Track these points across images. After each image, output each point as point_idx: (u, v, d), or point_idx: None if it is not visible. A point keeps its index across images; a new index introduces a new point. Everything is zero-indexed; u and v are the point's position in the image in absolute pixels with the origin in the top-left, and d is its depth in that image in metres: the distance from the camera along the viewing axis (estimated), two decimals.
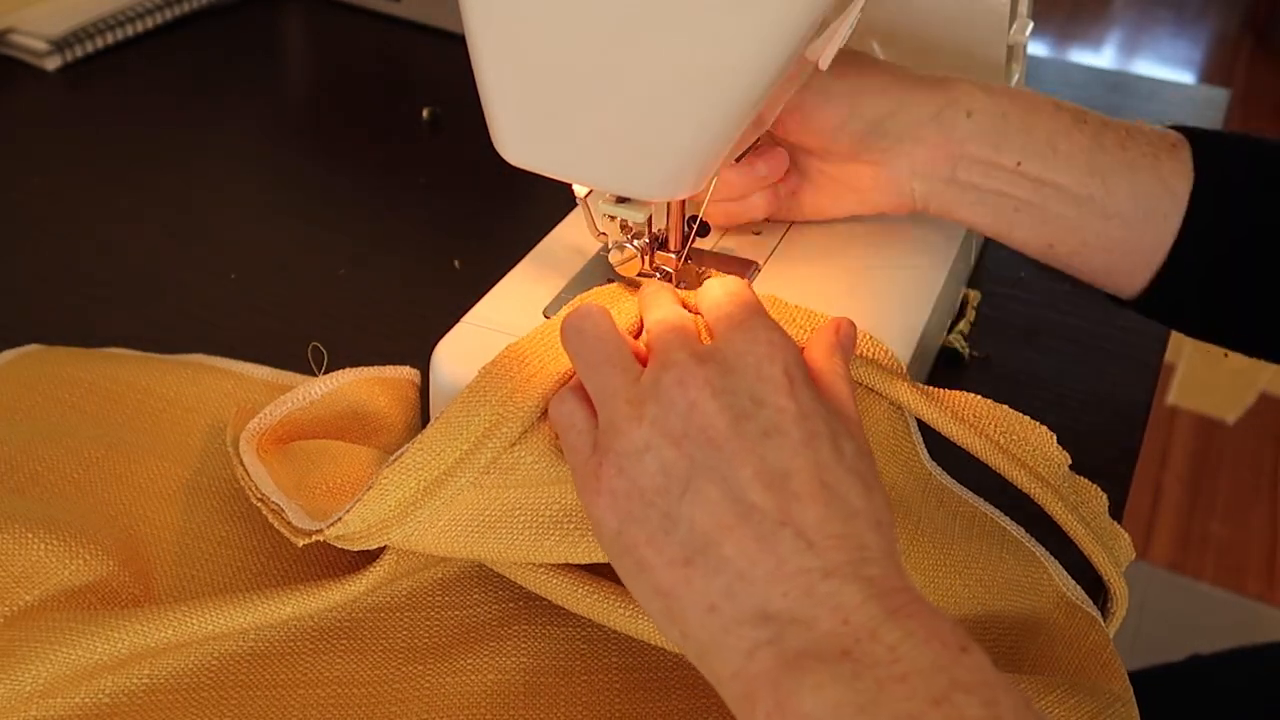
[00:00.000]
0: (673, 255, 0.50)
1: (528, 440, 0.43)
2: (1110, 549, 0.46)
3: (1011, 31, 0.61)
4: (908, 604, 0.33)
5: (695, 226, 0.49)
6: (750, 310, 0.40)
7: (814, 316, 0.48)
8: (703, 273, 0.52)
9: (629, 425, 0.36)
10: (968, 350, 0.59)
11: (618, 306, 0.47)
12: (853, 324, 0.44)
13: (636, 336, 0.45)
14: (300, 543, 0.43)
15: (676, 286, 0.50)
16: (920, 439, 0.47)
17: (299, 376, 0.55)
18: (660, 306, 0.42)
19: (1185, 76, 2.82)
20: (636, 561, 0.35)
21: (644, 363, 0.39)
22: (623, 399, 0.37)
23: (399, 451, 0.43)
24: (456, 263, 0.65)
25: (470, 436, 0.42)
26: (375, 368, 0.52)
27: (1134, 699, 0.41)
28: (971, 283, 0.63)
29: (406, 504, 0.42)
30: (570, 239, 0.56)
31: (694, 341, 0.39)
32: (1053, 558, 0.46)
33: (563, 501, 0.42)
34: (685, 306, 0.44)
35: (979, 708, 0.30)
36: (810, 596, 0.33)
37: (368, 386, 0.52)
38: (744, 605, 0.33)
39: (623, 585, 0.40)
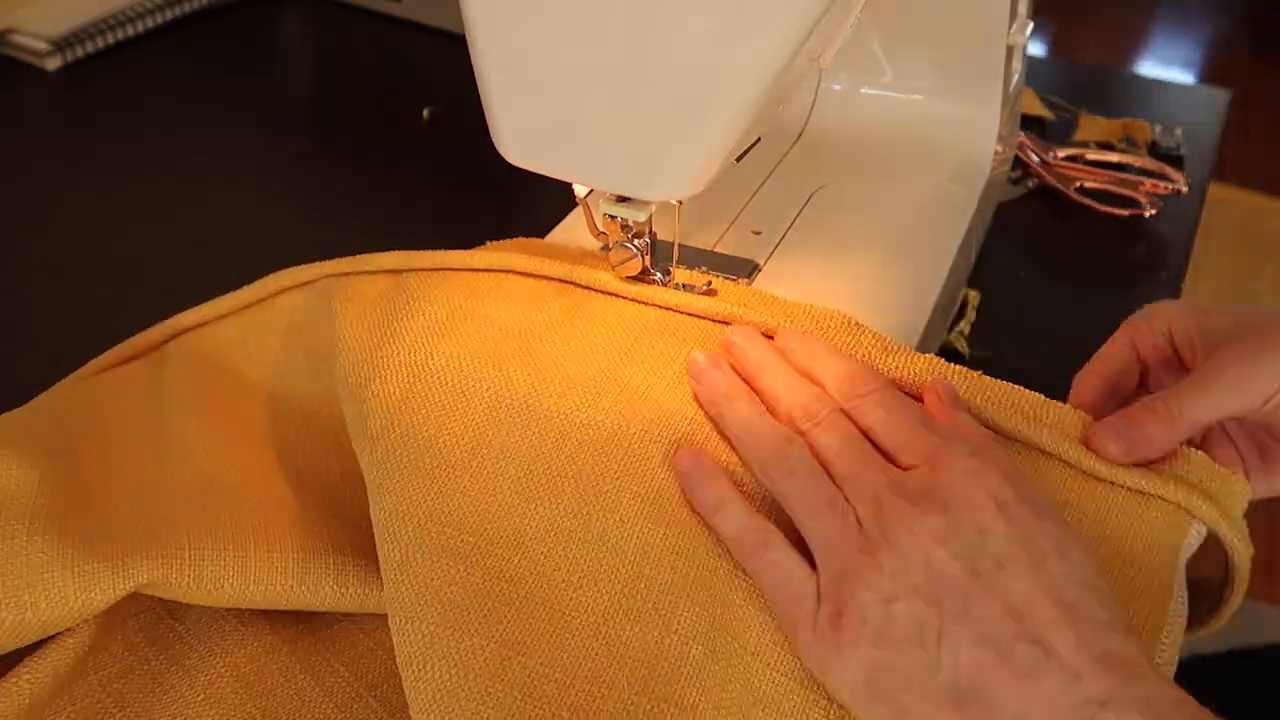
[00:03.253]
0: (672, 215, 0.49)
1: None
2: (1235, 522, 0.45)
3: (1011, 31, 0.61)
4: (1190, 714, 0.33)
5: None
6: (931, 434, 0.40)
7: (817, 311, 0.48)
8: (706, 276, 0.52)
9: (870, 575, 0.36)
10: (968, 350, 0.59)
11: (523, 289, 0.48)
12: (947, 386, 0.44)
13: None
14: None
15: (674, 283, 0.50)
16: None
17: None
18: (823, 422, 0.41)
19: (1185, 76, 2.82)
20: (896, 709, 0.35)
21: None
22: (854, 547, 0.37)
23: None
24: None
25: None
26: None
27: None
28: (971, 283, 0.63)
29: None
30: (570, 239, 0.56)
31: (889, 470, 0.39)
32: None
33: None
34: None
35: None
36: None
37: None
38: None
39: None
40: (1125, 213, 0.72)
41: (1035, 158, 0.75)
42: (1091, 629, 0.34)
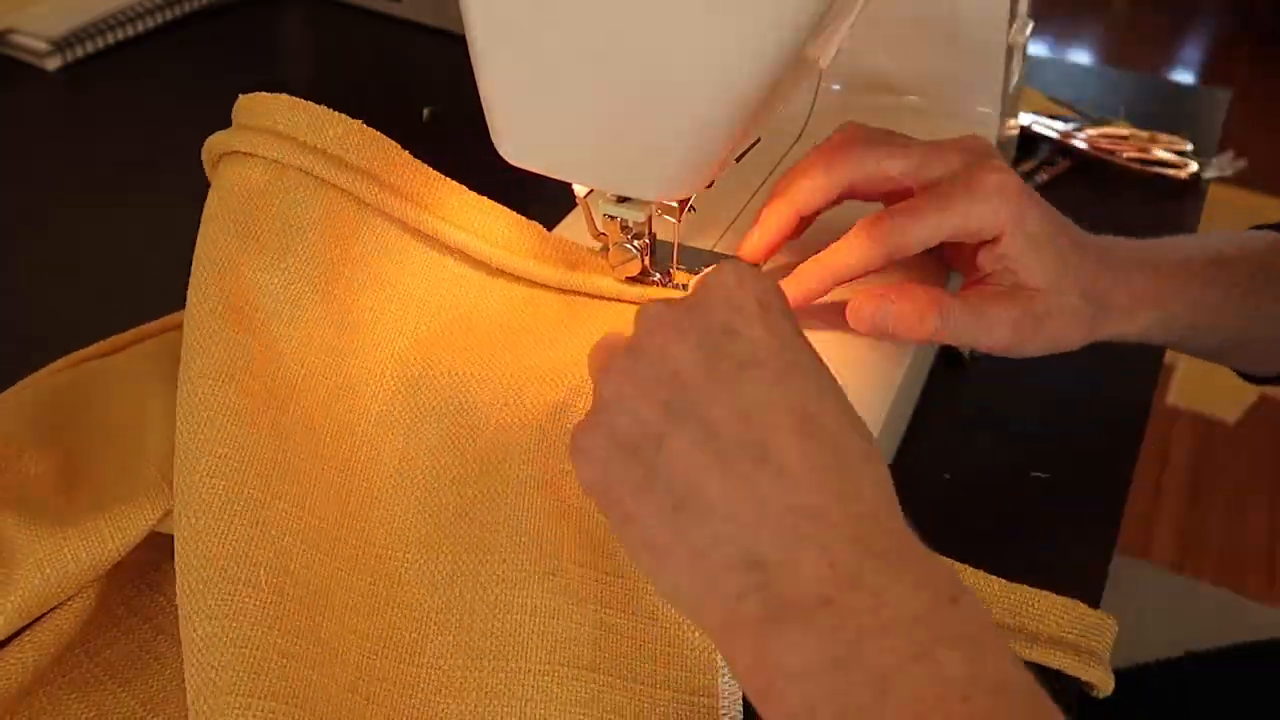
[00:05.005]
0: (672, 221, 0.49)
1: None
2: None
3: (1011, 31, 0.61)
4: (898, 545, 0.32)
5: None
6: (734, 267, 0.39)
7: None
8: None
9: (611, 377, 0.35)
10: (968, 351, 0.59)
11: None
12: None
13: None
14: None
15: (674, 284, 0.50)
16: None
17: None
18: None
19: (1185, 76, 2.82)
20: (624, 514, 0.34)
21: None
22: (612, 357, 0.36)
23: None
24: None
25: None
26: None
27: None
28: None
29: None
30: (570, 239, 0.56)
31: (663, 298, 0.38)
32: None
33: None
34: None
35: (961, 664, 0.29)
36: (795, 538, 0.31)
37: None
38: (730, 551, 0.32)
39: None
40: (1171, 172, 0.75)
41: (1078, 135, 0.77)
42: (826, 445, 0.33)
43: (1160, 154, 0.76)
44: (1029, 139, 0.77)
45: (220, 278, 0.45)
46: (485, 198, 0.49)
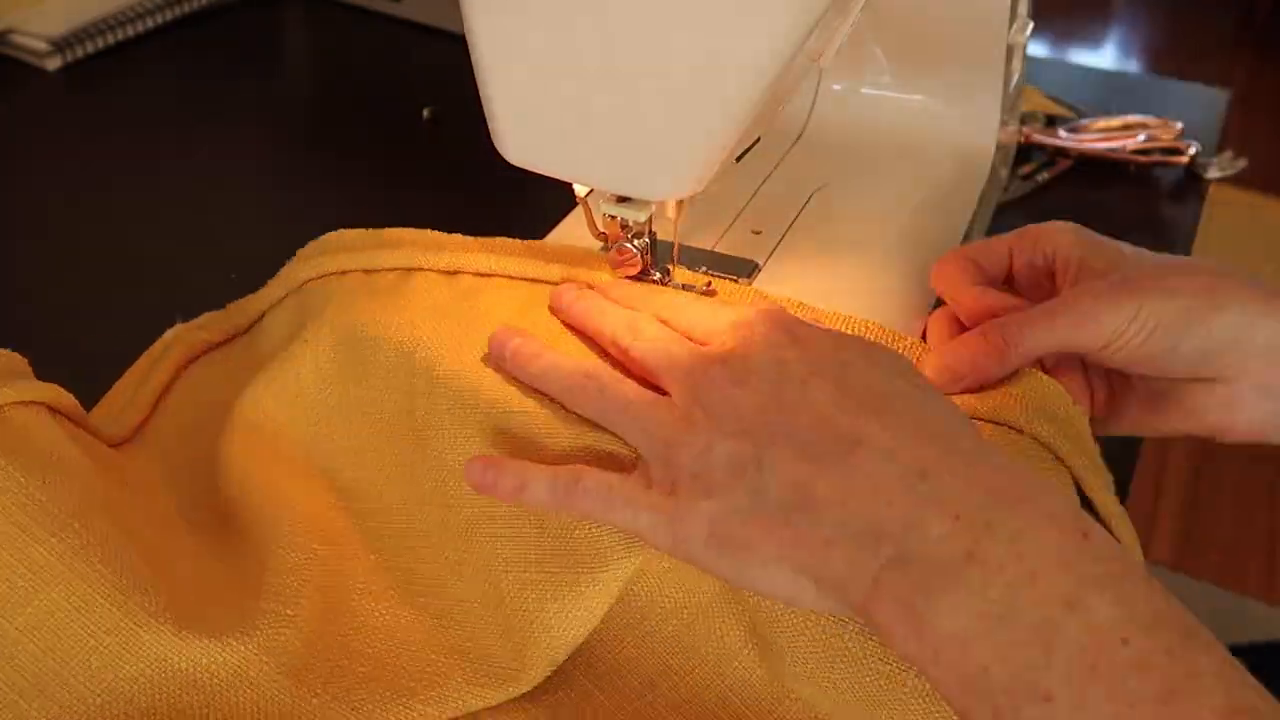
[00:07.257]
0: (670, 218, 0.49)
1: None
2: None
3: (1011, 31, 0.61)
4: (1011, 481, 0.33)
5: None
6: (733, 313, 0.42)
7: (840, 318, 0.48)
8: (705, 277, 0.52)
9: (686, 437, 0.37)
10: None
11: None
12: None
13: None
14: None
15: (674, 284, 0.50)
16: None
17: None
18: (641, 331, 0.43)
19: (1185, 76, 2.82)
20: (740, 547, 0.35)
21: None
22: (670, 422, 0.38)
23: None
24: None
25: None
26: None
27: None
28: None
29: None
30: (570, 239, 0.56)
31: (697, 349, 0.41)
32: None
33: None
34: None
35: (1111, 606, 0.29)
36: (914, 500, 0.33)
37: None
38: (856, 529, 0.33)
39: None
40: (1173, 160, 0.75)
41: (1073, 138, 0.77)
42: (906, 417, 0.35)
43: (1160, 154, 0.76)
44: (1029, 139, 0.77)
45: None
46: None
